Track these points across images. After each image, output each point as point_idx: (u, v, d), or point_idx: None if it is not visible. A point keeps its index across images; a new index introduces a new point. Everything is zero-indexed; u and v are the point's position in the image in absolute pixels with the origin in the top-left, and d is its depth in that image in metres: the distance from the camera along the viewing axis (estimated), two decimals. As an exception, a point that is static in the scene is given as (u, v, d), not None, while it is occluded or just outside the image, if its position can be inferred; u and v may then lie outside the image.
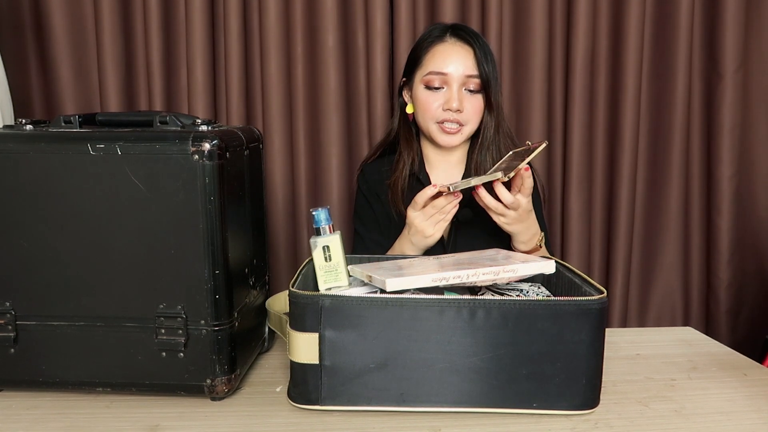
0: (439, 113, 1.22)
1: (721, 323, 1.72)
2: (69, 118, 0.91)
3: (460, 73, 1.20)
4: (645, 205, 1.73)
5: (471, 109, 1.22)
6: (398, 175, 1.26)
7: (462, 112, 1.21)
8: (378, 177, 1.31)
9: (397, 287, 0.84)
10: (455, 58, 1.21)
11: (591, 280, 0.90)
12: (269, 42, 1.55)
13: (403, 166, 1.27)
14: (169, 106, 1.60)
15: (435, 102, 1.22)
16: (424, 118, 1.25)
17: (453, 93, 1.20)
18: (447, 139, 1.24)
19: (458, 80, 1.21)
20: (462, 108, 1.20)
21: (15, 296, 0.87)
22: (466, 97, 1.22)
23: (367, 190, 1.33)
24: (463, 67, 1.20)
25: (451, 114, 1.21)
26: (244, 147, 0.94)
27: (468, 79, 1.21)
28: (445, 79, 1.21)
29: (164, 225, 0.83)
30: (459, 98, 1.20)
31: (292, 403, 0.86)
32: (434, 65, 1.22)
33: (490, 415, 0.83)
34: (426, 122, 1.25)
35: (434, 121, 1.23)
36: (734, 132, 1.66)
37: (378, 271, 0.91)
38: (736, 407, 0.88)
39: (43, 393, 0.90)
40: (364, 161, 1.39)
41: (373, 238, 1.31)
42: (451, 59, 1.21)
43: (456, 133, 1.23)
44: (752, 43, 1.67)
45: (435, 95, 1.22)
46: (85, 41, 1.57)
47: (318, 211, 0.95)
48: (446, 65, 1.21)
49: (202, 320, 0.85)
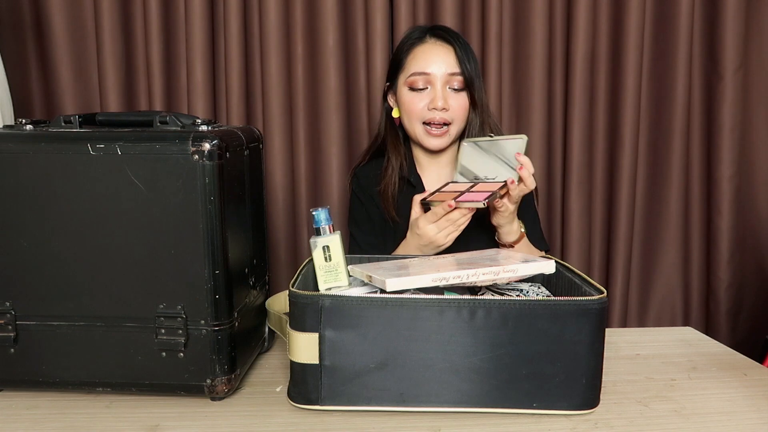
0: (425, 113, 1.22)
1: (721, 323, 1.72)
2: (69, 118, 0.91)
3: (443, 71, 1.21)
4: (645, 205, 1.73)
5: (456, 106, 1.22)
6: (387, 182, 1.27)
7: (448, 110, 1.21)
8: (371, 180, 1.31)
9: (397, 287, 0.84)
10: (437, 57, 1.22)
11: (591, 280, 0.90)
12: (269, 42, 1.55)
13: (392, 171, 1.27)
14: (169, 106, 1.60)
15: (420, 102, 1.22)
16: (410, 119, 1.25)
17: (437, 92, 1.21)
18: (434, 141, 1.24)
19: (441, 79, 1.21)
20: (447, 106, 1.21)
21: (15, 296, 0.87)
22: (451, 95, 1.22)
23: (361, 193, 1.33)
24: (446, 66, 1.21)
25: (437, 113, 1.21)
26: (244, 147, 0.94)
27: (451, 77, 1.21)
28: (429, 78, 1.21)
29: (164, 225, 0.83)
30: (444, 96, 1.21)
31: (292, 403, 0.86)
32: (416, 66, 1.22)
33: (490, 415, 0.83)
34: (412, 124, 1.25)
35: (420, 121, 1.23)
36: (734, 132, 1.66)
37: (378, 271, 0.91)
38: (736, 407, 0.88)
39: (43, 393, 0.90)
40: (356, 166, 1.39)
41: (367, 240, 1.31)
42: (432, 59, 1.22)
43: (443, 135, 1.23)
44: (752, 43, 1.67)
45: (419, 96, 1.22)
46: (85, 41, 1.57)
47: (318, 211, 0.95)
48: (428, 65, 1.21)
49: (202, 320, 0.85)
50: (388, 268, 0.93)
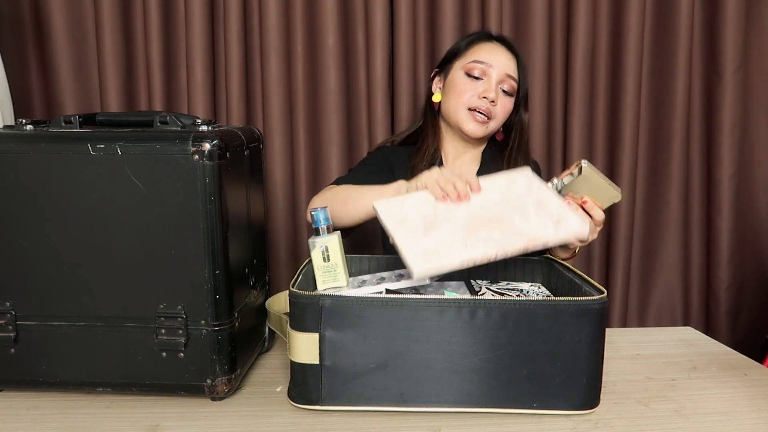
0: (474, 100, 1.23)
1: (721, 323, 1.72)
2: (69, 118, 0.91)
3: (502, 70, 1.23)
4: (645, 205, 1.73)
5: (501, 106, 1.25)
6: (419, 161, 1.27)
7: (495, 104, 1.23)
8: (397, 157, 1.30)
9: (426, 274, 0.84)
10: (500, 56, 1.24)
11: (591, 280, 0.91)
12: (269, 42, 1.55)
13: (426, 151, 1.28)
14: (169, 106, 1.60)
15: (471, 90, 1.23)
16: (457, 103, 1.25)
17: (492, 84, 1.23)
18: (474, 126, 1.24)
19: (498, 76, 1.23)
20: (496, 101, 1.23)
21: (15, 296, 0.87)
22: (500, 94, 1.24)
23: (381, 158, 1.32)
24: (506, 66, 1.23)
25: (485, 103, 1.22)
26: (244, 147, 0.94)
27: (507, 78, 1.23)
28: (487, 70, 1.23)
29: (164, 225, 0.83)
30: (496, 90, 1.23)
31: (292, 403, 0.86)
32: (479, 55, 1.24)
33: (490, 415, 0.83)
34: (457, 107, 1.25)
35: (466, 107, 1.24)
36: (734, 132, 1.66)
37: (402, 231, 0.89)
38: (736, 407, 0.88)
39: (43, 393, 0.90)
40: (383, 143, 1.39)
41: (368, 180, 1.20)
42: (496, 55, 1.24)
43: (483, 123, 1.24)
44: (752, 43, 1.67)
45: (473, 83, 1.24)
46: (85, 41, 1.57)
47: (317, 212, 0.95)
48: (491, 58, 1.23)
49: (202, 320, 0.85)
50: (412, 229, 0.89)
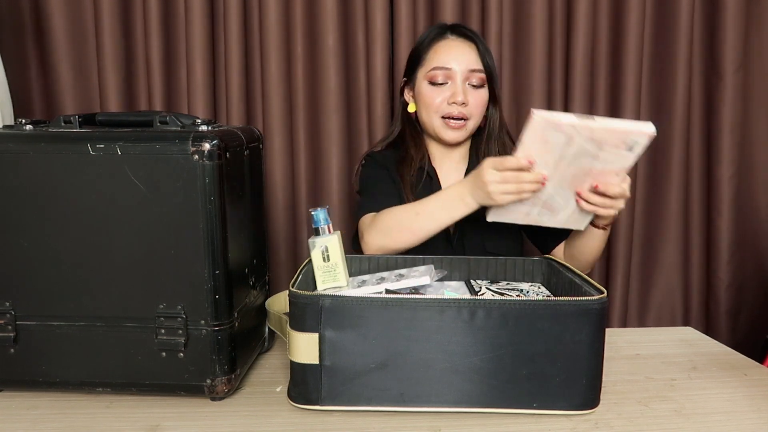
0: (444, 107, 1.22)
1: (721, 323, 1.72)
2: (69, 118, 0.91)
3: (464, 68, 1.21)
4: (645, 205, 1.73)
5: (474, 103, 1.23)
6: (406, 169, 1.25)
7: (467, 105, 1.22)
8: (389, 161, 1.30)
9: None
10: (458, 53, 1.22)
11: (591, 280, 0.90)
12: (269, 42, 1.55)
13: (411, 162, 1.26)
14: (169, 106, 1.60)
15: (439, 97, 1.22)
16: (428, 113, 1.25)
17: (458, 87, 1.21)
18: (452, 134, 1.24)
19: (462, 75, 1.21)
20: (467, 101, 1.21)
21: (15, 296, 0.87)
22: (470, 91, 1.23)
23: (380, 167, 1.29)
24: (467, 62, 1.22)
25: (456, 108, 1.21)
26: (244, 147, 0.94)
27: (471, 73, 1.22)
28: (449, 74, 1.22)
29: (164, 225, 0.83)
30: (463, 92, 1.21)
31: (292, 403, 0.86)
32: (438, 61, 1.23)
33: (490, 415, 0.83)
34: (430, 118, 1.25)
35: (438, 115, 1.23)
36: (734, 132, 1.66)
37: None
38: (736, 407, 0.88)
39: (43, 393, 0.90)
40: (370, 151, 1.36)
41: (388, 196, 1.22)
42: (453, 55, 1.22)
43: (461, 128, 1.23)
44: (752, 43, 1.67)
45: (439, 90, 1.23)
46: (85, 41, 1.57)
47: (317, 211, 0.95)
48: (449, 61, 1.22)
49: (202, 320, 0.85)
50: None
